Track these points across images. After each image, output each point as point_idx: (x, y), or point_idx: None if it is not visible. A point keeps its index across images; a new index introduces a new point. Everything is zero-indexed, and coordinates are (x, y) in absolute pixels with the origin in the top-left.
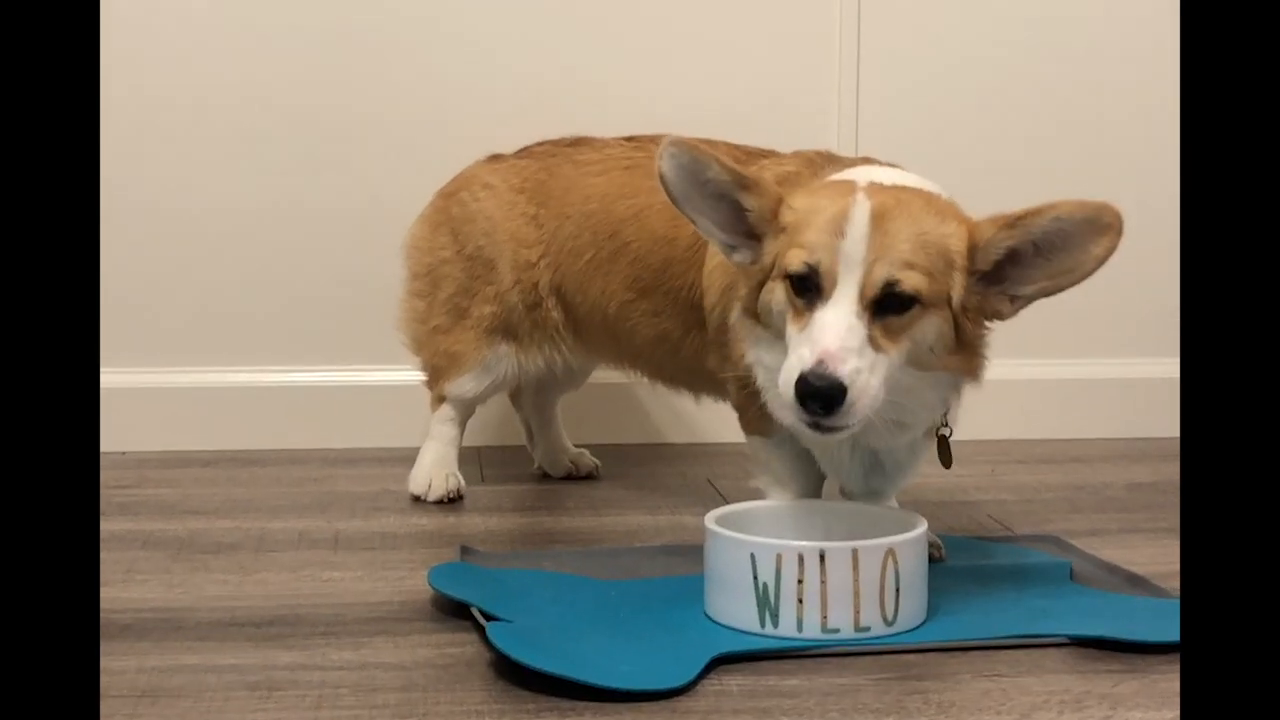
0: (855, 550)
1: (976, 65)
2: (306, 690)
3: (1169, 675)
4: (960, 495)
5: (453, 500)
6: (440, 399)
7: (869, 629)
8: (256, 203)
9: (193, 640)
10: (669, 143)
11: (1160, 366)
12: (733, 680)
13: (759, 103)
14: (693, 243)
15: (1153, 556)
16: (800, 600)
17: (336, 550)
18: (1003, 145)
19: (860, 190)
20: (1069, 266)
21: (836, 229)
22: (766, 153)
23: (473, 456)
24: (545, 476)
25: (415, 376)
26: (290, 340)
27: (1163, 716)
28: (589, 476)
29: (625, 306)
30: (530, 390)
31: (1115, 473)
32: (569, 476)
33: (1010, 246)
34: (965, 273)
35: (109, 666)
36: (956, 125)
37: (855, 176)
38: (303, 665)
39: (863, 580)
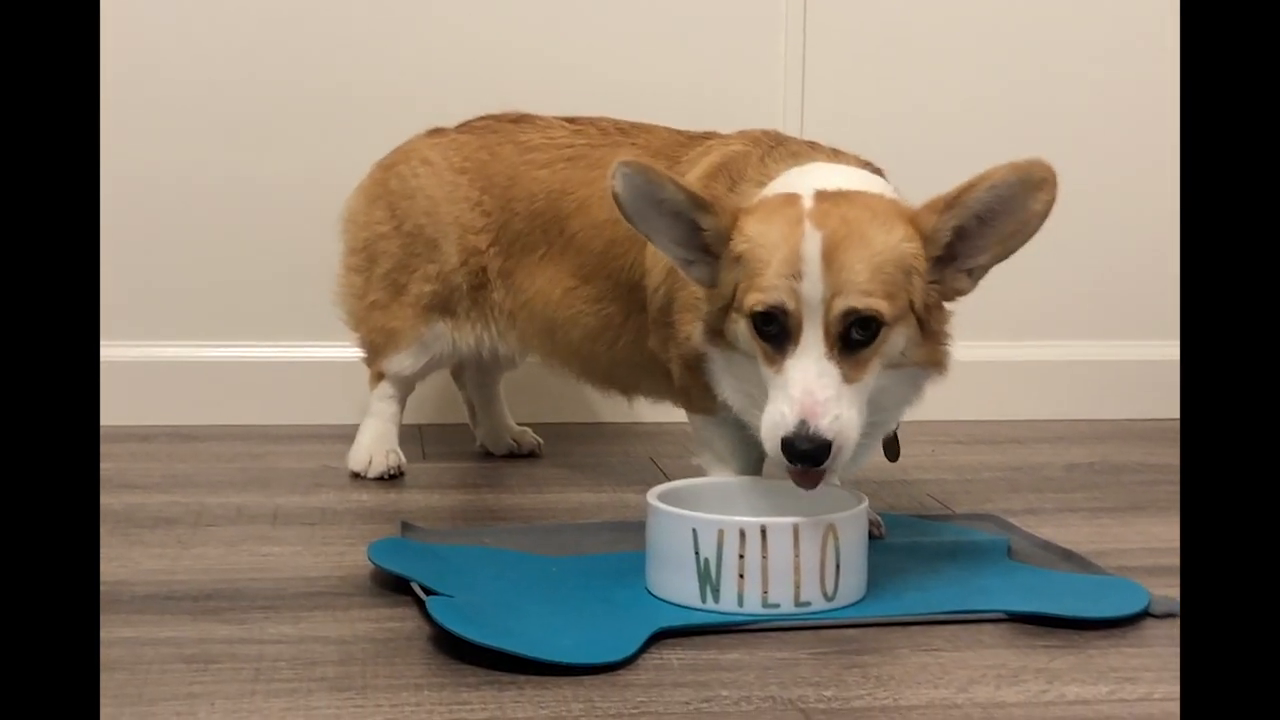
0: (796, 526)
1: (924, 44)
2: (244, 663)
3: (1104, 650)
4: (901, 475)
5: (393, 477)
6: (379, 376)
7: (809, 604)
8: (193, 176)
9: (129, 614)
10: (621, 164)
11: (1097, 349)
12: (674, 654)
13: (704, 82)
14: None
15: (1089, 535)
16: (741, 575)
17: (275, 525)
18: (950, 123)
19: (807, 216)
20: (1015, 229)
21: (792, 270)
22: (709, 134)
23: (414, 434)
24: (487, 454)
25: (356, 353)
26: (229, 315)
27: (1098, 690)
28: (531, 455)
29: (569, 294)
30: (473, 368)
31: (1053, 454)
32: (511, 454)
33: (955, 226)
34: (923, 274)
35: None
36: (903, 105)
37: (798, 185)
38: (240, 639)
39: (803, 556)
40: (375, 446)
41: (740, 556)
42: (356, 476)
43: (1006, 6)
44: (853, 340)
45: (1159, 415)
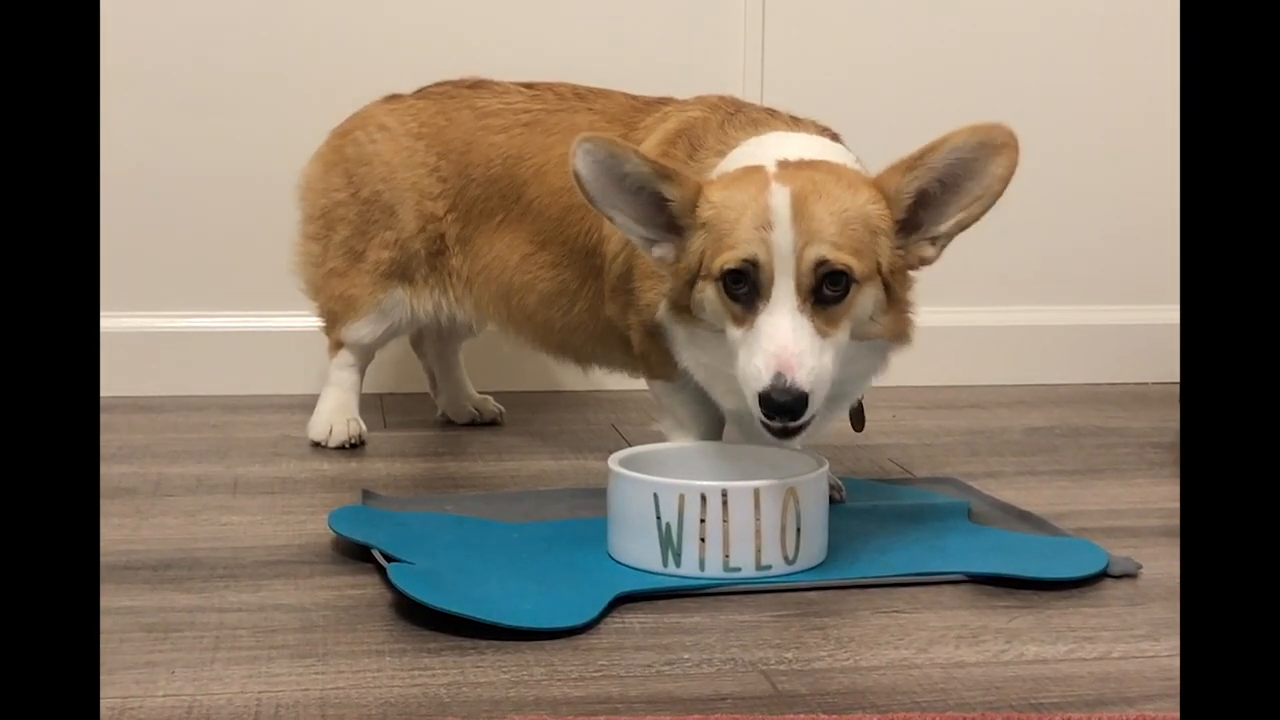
0: (757, 490)
1: (882, 11)
2: (204, 631)
3: (1064, 611)
4: (862, 440)
5: (354, 446)
6: (338, 344)
7: (770, 567)
8: (143, 147)
9: None
10: (583, 139)
11: (1057, 314)
12: (635, 619)
13: (661, 49)
14: None
15: (1048, 498)
16: (702, 539)
17: (235, 495)
18: (911, 88)
19: (772, 177)
20: (977, 193)
21: (763, 221)
22: (665, 100)
23: (375, 403)
24: (448, 423)
25: (315, 322)
26: (186, 285)
27: (1057, 650)
28: (492, 423)
29: (526, 260)
30: (433, 336)
31: (1013, 418)
32: (472, 423)
33: (918, 188)
34: (889, 235)
35: None
36: (862, 71)
37: (759, 156)
38: (200, 607)
39: (764, 520)
40: (335, 415)
41: (701, 520)
42: (317, 446)
43: None
44: (824, 295)
45: (1118, 380)
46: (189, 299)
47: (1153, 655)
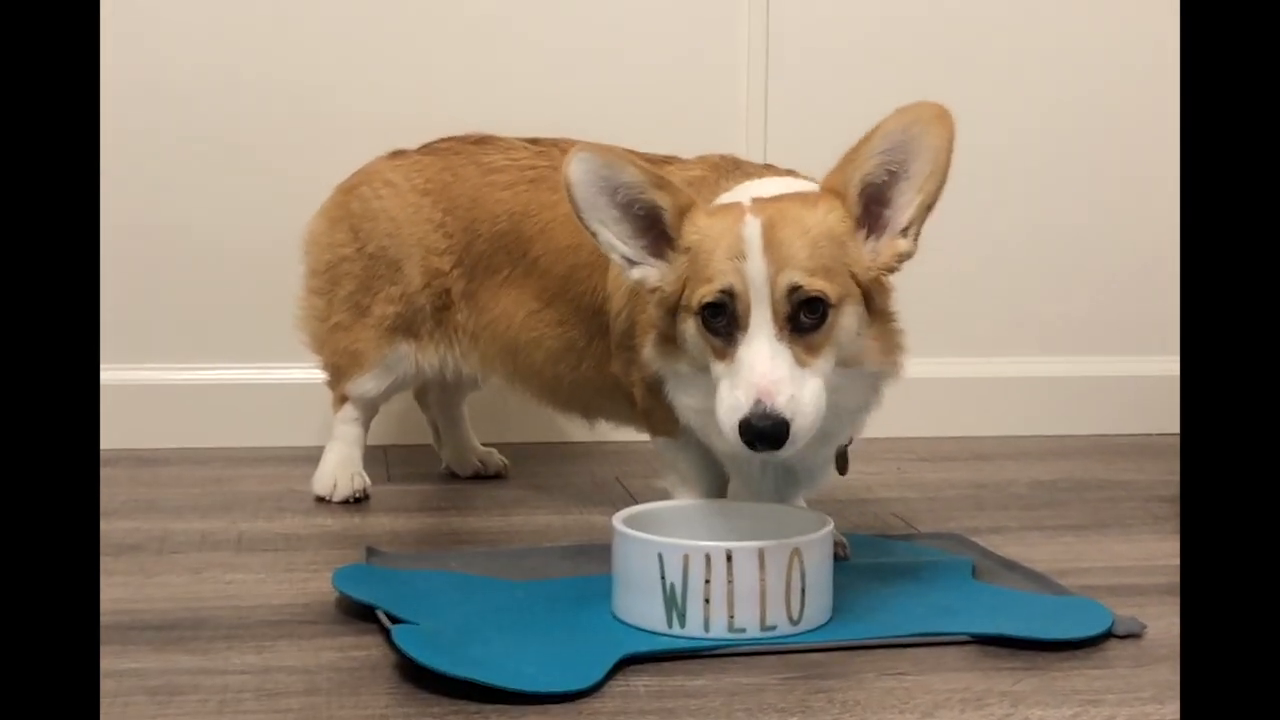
0: (761, 550)
1: (887, 67)
2: (208, 695)
3: (1068, 673)
4: (865, 493)
5: (358, 500)
6: (342, 398)
7: (775, 628)
8: (151, 197)
9: None
10: (580, 149)
11: (1063, 365)
12: (640, 681)
13: (664, 106)
14: (597, 248)
15: (1053, 554)
16: (707, 600)
17: (240, 552)
18: None
19: (746, 209)
20: (926, 169)
21: (736, 252)
22: (669, 159)
23: (379, 456)
24: (453, 476)
25: (319, 374)
26: (191, 338)
27: (1062, 714)
28: (497, 476)
29: (532, 316)
30: (436, 389)
31: (1017, 470)
32: (477, 476)
33: (863, 178)
34: (855, 237)
35: None
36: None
37: (738, 196)
38: (204, 669)
39: (769, 580)
40: (340, 470)
41: (706, 581)
42: (321, 500)
43: (978, 29)
44: (802, 324)
45: (1125, 431)
46: (192, 351)
47: (1158, 718)
